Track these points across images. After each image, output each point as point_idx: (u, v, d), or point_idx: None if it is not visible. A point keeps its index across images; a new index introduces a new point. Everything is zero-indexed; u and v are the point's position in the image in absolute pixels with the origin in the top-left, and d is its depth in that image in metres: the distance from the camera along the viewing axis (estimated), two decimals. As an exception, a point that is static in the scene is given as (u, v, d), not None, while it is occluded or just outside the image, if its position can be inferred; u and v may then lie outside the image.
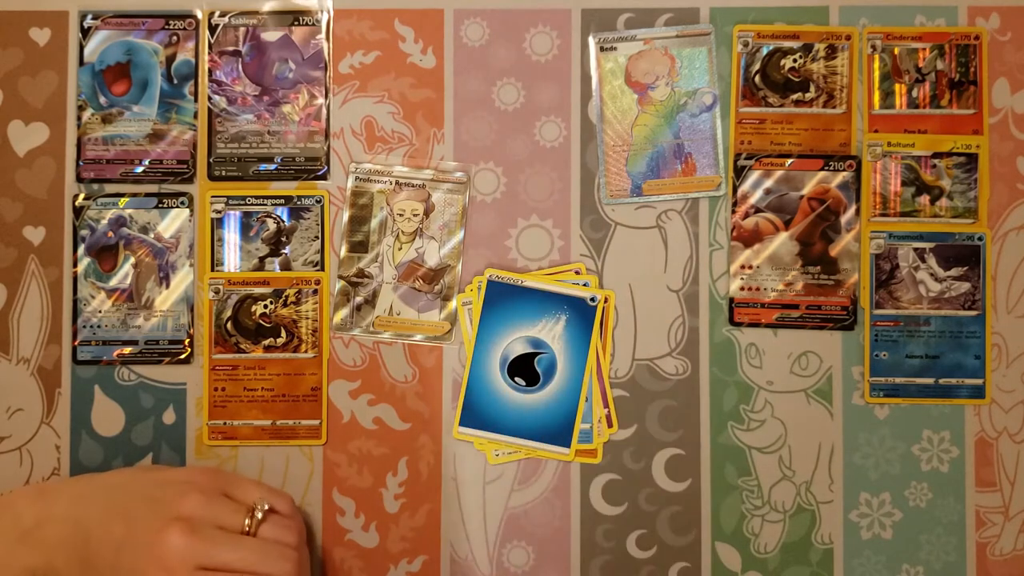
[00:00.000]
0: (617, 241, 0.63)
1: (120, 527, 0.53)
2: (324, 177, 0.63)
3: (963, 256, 0.63)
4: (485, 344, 0.62)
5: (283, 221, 0.63)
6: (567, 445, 0.62)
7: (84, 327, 0.63)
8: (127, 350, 0.63)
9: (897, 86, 0.64)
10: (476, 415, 0.62)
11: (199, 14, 0.64)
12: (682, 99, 0.63)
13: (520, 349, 0.62)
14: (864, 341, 0.63)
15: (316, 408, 0.63)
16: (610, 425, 0.63)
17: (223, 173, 0.63)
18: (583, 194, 0.64)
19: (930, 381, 0.63)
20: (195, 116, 0.64)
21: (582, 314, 0.62)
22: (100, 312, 0.63)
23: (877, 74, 0.64)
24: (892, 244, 0.63)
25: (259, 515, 0.55)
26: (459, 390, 0.62)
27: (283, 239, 0.63)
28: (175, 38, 0.64)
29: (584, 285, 0.62)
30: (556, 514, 0.63)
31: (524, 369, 0.62)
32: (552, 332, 0.62)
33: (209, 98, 0.64)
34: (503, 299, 0.62)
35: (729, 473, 0.63)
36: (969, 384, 0.63)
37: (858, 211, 0.63)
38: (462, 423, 0.62)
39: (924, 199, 0.63)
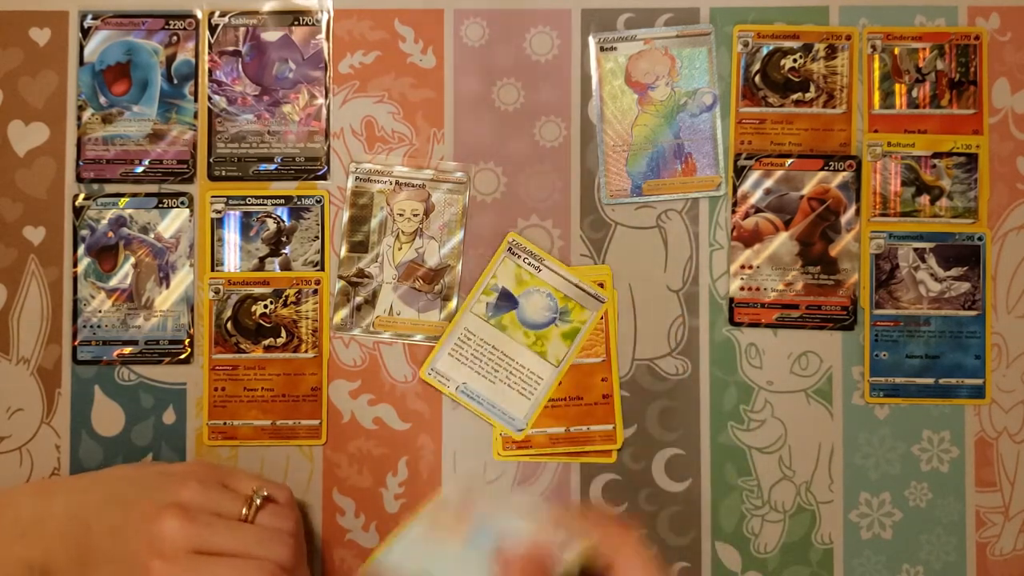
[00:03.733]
0: (617, 241, 0.63)
1: (118, 514, 0.53)
2: (324, 177, 0.63)
3: (963, 256, 0.63)
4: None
5: (283, 221, 0.63)
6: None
7: (84, 327, 0.63)
8: (127, 350, 0.63)
9: (897, 86, 0.64)
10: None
11: (199, 14, 0.64)
12: (682, 99, 0.63)
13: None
14: (864, 341, 0.63)
15: (316, 408, 0.63)
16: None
17: (223, 173, 0.63)
18: (583, 194, 0.64)
19: (930, 381, 0.63)
20: (195, 116, 0.63)
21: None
22: (100, 312, 0.63)
23: (877, 74, 0.63)
24: (892, 244, 0.63)
25: (257, 501, 0.55)
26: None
27: (283, 239, 0.63)
28: (175, 38, 0.64)
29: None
30: (556, 514, 0.63)
31: None
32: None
33: (209, 98, 0.64)
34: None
35: (729, 473, 0.63)
36: (969, 384, 0.63)
37: (858, 211, 0.63)
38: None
39: (924, 199, 0.63)
